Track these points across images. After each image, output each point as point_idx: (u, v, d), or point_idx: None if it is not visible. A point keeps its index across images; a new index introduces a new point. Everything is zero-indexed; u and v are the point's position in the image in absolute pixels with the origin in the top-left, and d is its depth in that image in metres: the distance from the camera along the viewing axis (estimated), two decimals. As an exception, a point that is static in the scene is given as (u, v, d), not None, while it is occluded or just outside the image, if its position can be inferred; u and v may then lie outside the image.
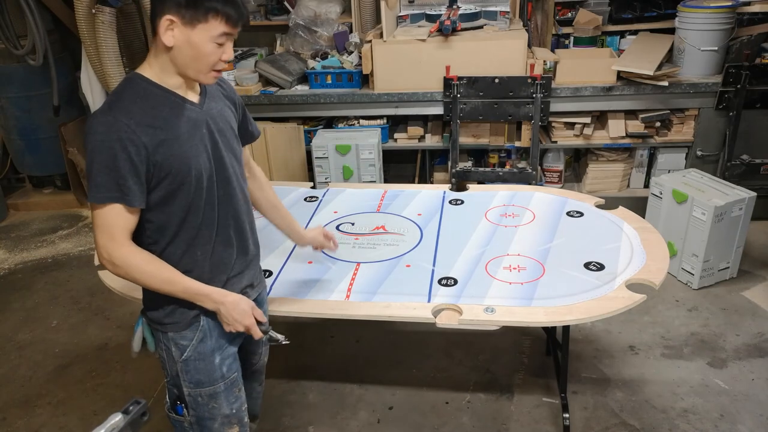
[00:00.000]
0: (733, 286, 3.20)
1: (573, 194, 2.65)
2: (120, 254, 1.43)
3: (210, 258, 1.57)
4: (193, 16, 1.37)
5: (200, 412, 1.67)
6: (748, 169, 3.53)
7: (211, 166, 1.51)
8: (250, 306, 1.60)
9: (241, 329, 1.58)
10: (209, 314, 1.59)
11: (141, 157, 1.38)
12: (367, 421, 2.48)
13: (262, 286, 1.82)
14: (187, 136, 1.46)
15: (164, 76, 1.45)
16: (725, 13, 3.40)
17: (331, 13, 3.97)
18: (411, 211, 2.58)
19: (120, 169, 1.36)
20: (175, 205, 1.47)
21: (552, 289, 2.00)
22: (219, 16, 1.38)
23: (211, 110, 1.54)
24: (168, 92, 1.46)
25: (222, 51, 1.43)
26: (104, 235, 1.42)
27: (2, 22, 3.96)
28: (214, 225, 1.56)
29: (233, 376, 1.68)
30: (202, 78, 1.46)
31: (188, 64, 1.43)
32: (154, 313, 1.60)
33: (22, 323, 3.24)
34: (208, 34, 1.39)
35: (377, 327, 2.99)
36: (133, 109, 1.39)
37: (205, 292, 1.53)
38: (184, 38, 1.39)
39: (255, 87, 3.76)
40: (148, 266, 1.46)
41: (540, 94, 3.44)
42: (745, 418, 2.38)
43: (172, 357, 1.62)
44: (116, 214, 1.40)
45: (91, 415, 2.58)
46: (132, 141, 1.36)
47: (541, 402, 2.52)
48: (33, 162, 4.47)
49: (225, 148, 1.55)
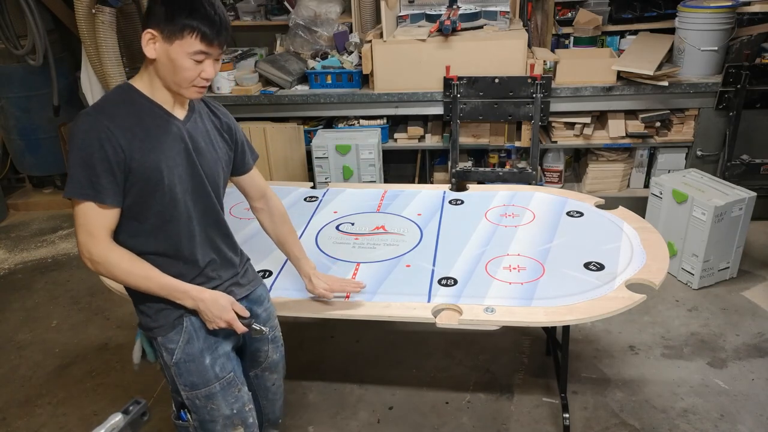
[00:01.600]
0: (733, 286, 3.20)
1: (573, 194, 2.65)
2: (98, 251, 1.46)
3: (194, 268, 1.60)
4: (170, 31, 1.42)
5: (200, 415, 1.67)
6: (748, 169, 3.53)
7: (186, 181, 1.54)
8: (228, 301, 1.61)
9: (223, 325, 1.60)
10: (194, 315, 1.60)
11: (118, 158, 1.42)
12: (367, 421, 2.48)
13: (256, 284, 1.81)
14: (164, 146, 1.49)
15: (153, 89, 1.51)
16: (725, 13, 3.40)
17: (331, 13, 3.97)
18: (411, 211, 2.58)
19: (95, 167, 1.41)
20: (147, 211, 1.50)
21: (552, 289, 2.00)
22: (194, 33, 1.42)
23: (194, 129, 1.58)
24: (154, 105, 1.51)
25: (201, 68, 1.47)
26: (84, 233, 1.45)
27: (2, 22, 3.96)
28: (195, 237, 1.59)
29: (228, 375, 1.68)
30: (183, 92, 1.50)
31: (168, 78, 1.47)
32: (143, 319, 1.62)
33: (22, 323, 3.24)
34: (183, 50, 1.43)
35: (377, 327, 2.99)
36: (117, 114, 1.44)
37: (182, 289, 1.55)
38: (164, 52, 1.44)
39: (255, 87, 3.76)
40: (126, 263, 1.49)
41: (540, 94, 3.44)
42: (745, 418, 2.38)
43: (166, 362, 1.63)
44: (92, 211, 1.44)
45: (91, 415, 2.58)
46: (110, 141, 1.41)
47: (541, 402, 2.52)
48: (33, 162, 4.47)
49: (203, 166, 1.58)
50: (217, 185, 1.64)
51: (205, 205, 1.61)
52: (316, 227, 2.50)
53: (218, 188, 1.66)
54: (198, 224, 1.59)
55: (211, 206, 1.62)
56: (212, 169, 1.61)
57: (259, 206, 1.88)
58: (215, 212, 1.64)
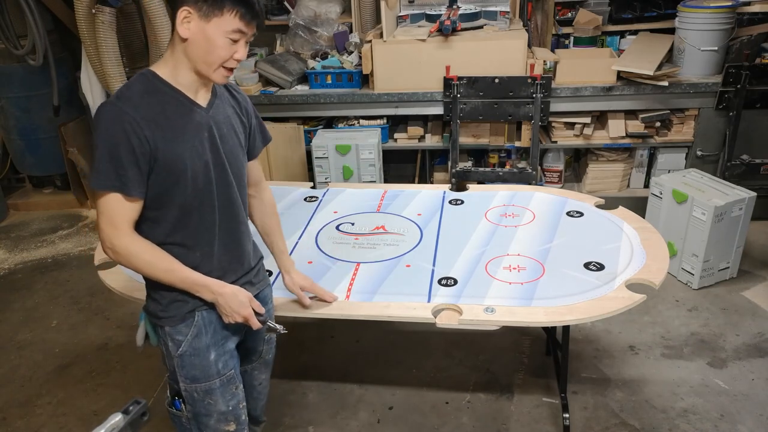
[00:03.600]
0: (733, 286, 3.20)
1: (573, 194, 2.65)
2: (121, 242, 1.46)
3: (210, 260, 1.60)
4: (209, 8, 1.41)
5: (196, 408, 1.67)
6: (748, 169, 3.53)
7: (210, 171, 1.53)
8: (247, 297, 1.62)
9: (240, 320, 1.61)
10: (205, 310, 1.61)
11: (144, 149, 1.41)
12: (367, 421, 2.48)
13: (264, 284, 1.82)
14: (188, 137, 1.49)
15: (177, 74, 1.49)
16: (725, 13, 3.40)
17: (331, 13, 3.97)
18: (411, 211, 2.58)
19: (122, 158, 1.40)
20: (170, 203, 1.50)
21: (552, 289, 2.00)
22: (234, 11, 1.42)
23: (217, 115, 1.57)
24: (177, 92, 1.49)
25: (234, 49, 1.47)
26: (107, 223, 1.46)
27: (2, 22, 3.96)
28: (215, 228, 1.59)
29: (229, 373, 1.68)
30: (212, 74, 1.49)
31: (200, 58, 1.45)
32: (152, 306, 1.62)
33: (22, 323, 3.24)
34: (222, 28, 1.43)
35: (377, 327, 2.99)
36: (140, 104, 1.43)
37: (203, 283, 1.56)
38: (199, 30, 1.43)
39: (255, 87, 3.76)
40: (148, 255, 1.49)
41: (540, 94, 3.44)
42: (745, 418, 2.38)
43: (170, 352, 1.63)
44: (117, 203, 1.44)
45: (91, 415, 2.58)
46: (136, 133, 1.40)
47: (541, 402, 2.52)
48: (33, 162, 4.46)
49: (227, 154, 1.58)
50: (240, 173, 1.64)
51: (228, 196, 1.60)
52: (316, 227, 2.50)
53: (241, 177, 1.65)
54: (219, 215, 1.59)
55: (233, 197, 1.62)
56: (234, 157, 1.61)
57: (252, 193, 1.84)
58: (237, 203, 1.63)
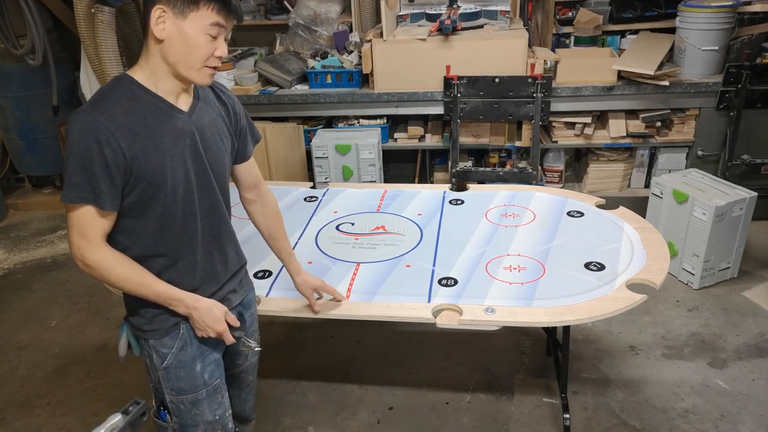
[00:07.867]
0: (733, 286, 3.19)
1: (573, 194, 2.64)
2: (92, 255, 1.41)
3: (194, 269, 1.55)
4: (184, 4, 1.35)
5: (183, 419, 1.65)
6: (749, 169, 3.53)
7: (191, 180, 1.48)
8: (222, 312, 1.57)
9: (213, 335, 1.56)
10: (189, 322, 1.57)
11: (118, 161, 1.35)
12: (367, 422, 2.47)
13: (248, 289, 1.79)
14: (168, 145, 1.42)
15: (156, 79, 1.42)
16: (726, 13, 3.40)
17: (331, 12, 3.96)
18: (411, 211, 2.58)
19: (95, 171, 1.34)
20: (149, 212, 1.45)
21: (552, 290, 1.99)
22: (210, 5, 1.36)
23: (200, 120, 1.50)
24: (156, 98, 1.42)
25: (215, 46, 1.41)
26: (77, 235, 1.40)
27: (2, 22, 3.96)
28: (197, 237, 1.54)
29: (216, 382, 1.66)
30: (194, 76, 1.42)
31: (180, 60, 1.39)
32: (135, 319, 1.58)
33: (21, 323, 3.23)
34: (200, 23, 1.37)
35: (377, 327, 2.99)
36: (116, 112, 1.36)
37: (177, 297, 1.51)
38: (176, 30, 1.37)
39: (255, 87, 3.75)
40: (120, 269, 1.44)
41: (540, 93, 3.43)
42: (745, 419, 2.38)
43: (154, 364, 1.60)
44: (89, 215, 1.38)
45: (90, 416, 2.58)
46: (110, 144, 1.33)
47: (541, 402, 2.51)
48: (32, 162, 4.46)
49: (210, 160, 1.52)
50: (223, 180, 1.59)
51: (211, 203, 1.55)
52: (316, 227, 2.49)
53: (224, 183, 1.60)
54: (202, 223, 1.54)
55: (217, 204, 1.57)
56: (218, 162, 1.55)
57: (251, 197, 1.80)
58: (220, 210, 1.59)
